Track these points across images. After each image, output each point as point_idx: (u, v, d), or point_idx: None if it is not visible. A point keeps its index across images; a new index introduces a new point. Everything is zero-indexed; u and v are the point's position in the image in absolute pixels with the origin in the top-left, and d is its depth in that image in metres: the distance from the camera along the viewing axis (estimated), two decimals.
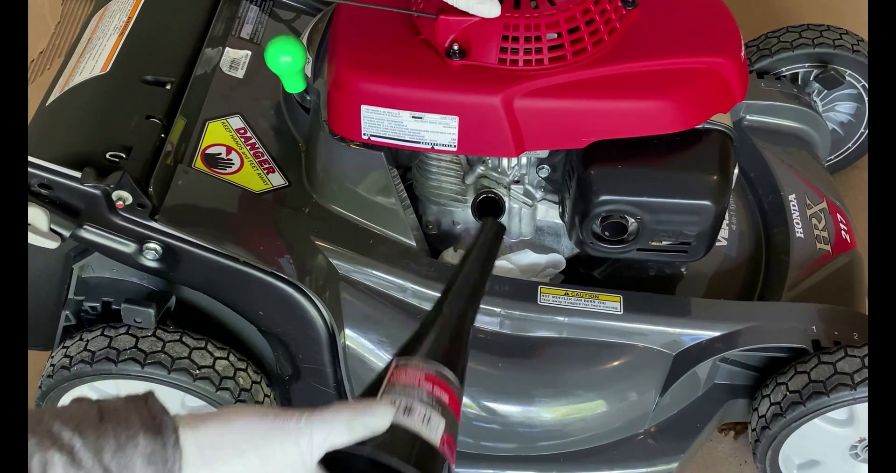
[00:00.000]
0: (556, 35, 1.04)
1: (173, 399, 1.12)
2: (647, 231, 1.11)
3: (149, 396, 0.67)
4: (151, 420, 0.65)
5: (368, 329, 1.16)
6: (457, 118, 1.05)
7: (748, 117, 1.46)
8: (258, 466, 0.68)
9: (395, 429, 0.70)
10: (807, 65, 1.50)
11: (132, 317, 1.12)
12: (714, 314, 1.20)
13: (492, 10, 1.00)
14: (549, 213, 1.26)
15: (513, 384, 1.20)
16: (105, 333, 1.12)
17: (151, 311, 1.11)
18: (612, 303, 1.19)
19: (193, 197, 1.12)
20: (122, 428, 0.64)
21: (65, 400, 1.17)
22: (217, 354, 1.13)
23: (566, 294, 1.19)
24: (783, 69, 1.51)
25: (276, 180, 1.18)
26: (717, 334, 1.19)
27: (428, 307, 1.17)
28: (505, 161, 1.19)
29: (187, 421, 0.67)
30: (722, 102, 1.09)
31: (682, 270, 1.30)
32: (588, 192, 1.08)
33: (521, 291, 1.18)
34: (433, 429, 0.71)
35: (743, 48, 1.11)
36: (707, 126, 1.11)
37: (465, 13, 1.02)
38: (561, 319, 1.18)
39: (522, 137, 1.06)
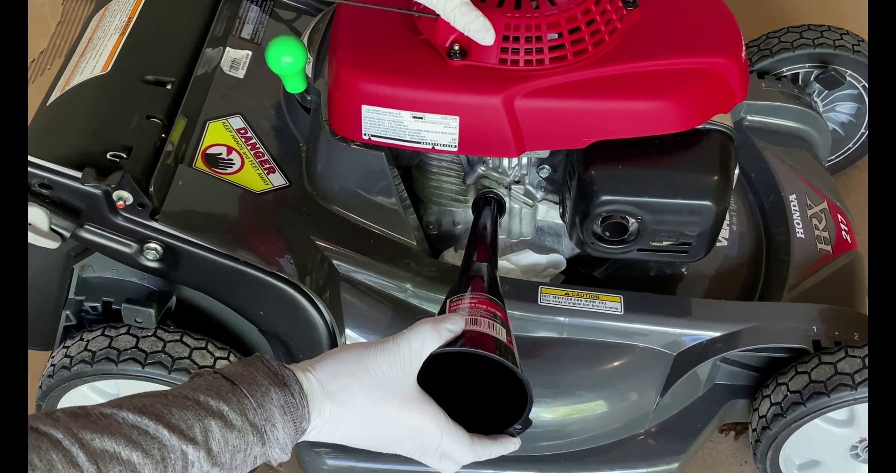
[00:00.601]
0: (556, 35, 1.04)
1: None
2: (647, 232, 1.11)
3: (261, 355, 0.78)
4: (275, 376, 0.76)
5: (369, 329, 1.16)
6: (457, 118, 1.05)
7: (749, 118, 1.46)
8: (373, 385, 0.79)
9: (470, 333, 0.85)
10: (807, 65, 1.50)
11: (133, 317, 1.12)
12: (715, 314, 1.20)
13: (487, 37, 1.01)
14: (549, 213, 1.26)
15: None
16: (105, 333, 1.12)
17: (152, 311, 1.11)
18: (612, 303, 1.19)
19: (194, 197, 1.12)
20: (254, 388, 0.74)
21: (65, 401, 1.17)
22: (217, 354, 1.13)
23: (567, 294, 1.19)
24: (784, 69, 1.51)
25: (277, 180, 1.18)
26: (717, 334, 1.19)
27: (428, 307, 1.17)
28: (505, 161, 1.19)
29: (304, 368, 0.79)
30: (723, 103, 1.09)
31: (683, 270, 1.30)
32: (589, 192, 1.08)
33: (522, 291, 1.18)
34: (499, 333, 0.87)
35: (744, 48, 1.11)
36: (708, 126, 1.11)
37: None
38: (561, 319, 1.18)
39: (523, 138, 1.06)
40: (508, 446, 0.89)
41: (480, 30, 1.00)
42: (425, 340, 0.82)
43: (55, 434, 0.65)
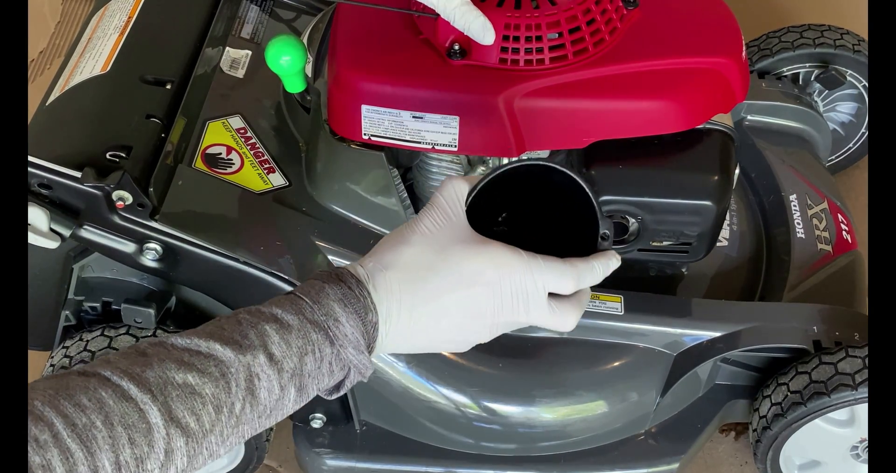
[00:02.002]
0: (556, 35, 1.04)
1: None
2: (647, 231, 1.11)
3: (316, 270, 0.75)
4: (329, 275, 0.71)
5: None
6: (457, 118, 1.05)
7: (749, 117, 1.46)
8: (425, 242, 0.73)
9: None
10: (808, 65, 1.50)
11: (132, 317, 1.11)
12: (715, 314, 1.20)
13: (487, 37, 1.00)
14: None
15: (513, 384, 1.20)
16: (105, 333, 1.12)
17: (151, 311, 1.11)
18: (612, 303, 1.19)
19: (194, 197, 1.12)
20: (306, 289, 0.70)
21: None
22: None
23: None
24: (784, 69, 1.51)
25: (277, 179, 1.18)
26: (717, 334, 1.19)
27: None
28: (506, 161, 1.19)
29: (352, 264, 0.73)
30: (723, 103, 1.09)
31: (683, 270, 1.30)
32: None
33: None
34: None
35: (744, 48, 1.11)
36: (708, 126, 1.11)
37: None
38: None
39: (523, 137, 1.06)
40: (609, 261, 0.77)
41: (480, 29, 1.00)
42: (455, 186, 0.75)
43: (103, 373, 0.63)
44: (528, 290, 0.72)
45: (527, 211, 0.79)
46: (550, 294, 0.74)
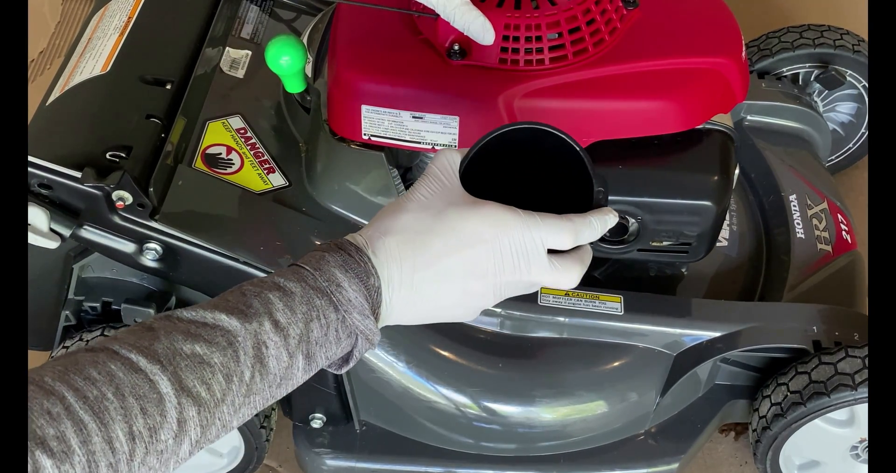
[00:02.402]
0: (556, 35, 1.04)
1: None
2: (647, 232, 1.11)
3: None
4: (328, 246, 0.72)
5: None
6: (457, 118, 1.05)
7: (749, 118, 1.46)
8: (420, 207, 0.73)
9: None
10: (808, 65, 1.50)
11: (132, 317, 1.11)
12: (715, 314, 1.20)
13: (486, 37, 1.00)
14: None
15: (513, 384, 1.20)
16: (105, 333, 1.12)
17: (151, 311, 1.11)
18: (612, 304, 1.19)
19: (194, 197, 1.12)
20: (307, 259, 0.71)
21: None
22: None
23: (567, 295, 1.19)
24: (784, 69, 1.51)
25: (277, 180, 1.18)
26: (717, 334, 1.19)
27: None
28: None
29: (357, 233, 0.74)
30: (723, 103, 1.09)
31: (683, 270, 1.30)
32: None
33: None
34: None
35: (744, 48, 1.11)
36: (708, 126, 1.11)
37: None
38: (561, 319, 1.18)
39: None
40: (606, 216, 0.77)
41: (480, 30, 0.99)
42: (448, 156, 0.76)
43: (111, 347, 0.63)
44: (527, 246, 0.73)
45: (521, 175, 0.79)
46: (550, 251, 0.74)
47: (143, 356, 0.63)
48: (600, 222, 0.76)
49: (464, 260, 0.72)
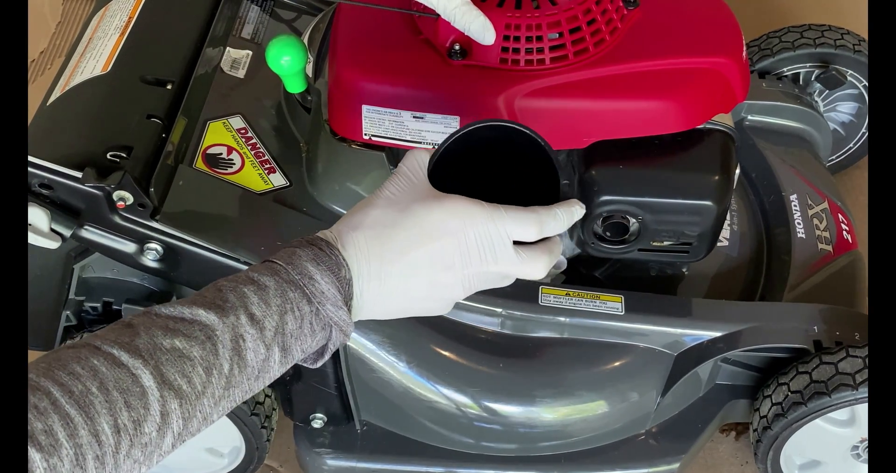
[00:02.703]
0: (557, 35, 1.04)
1: None
2: (648, 231, 1.11)
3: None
4: (299, 241, 0.74)
5: (369, 329, 1.16)
6: (458, 118, 1.05)
7: (749, 117, 1.46)
8: (388, 204, 0.75)
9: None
10: (808, 65, 1.50)
11: None
12: (715, 314, 1.20)
13: (487, 37, 1.00)
14: None
15: (514, 384, 1.20)
16: None
17: None
18: (613, 303, 1.19)
19: (194, 197, 1.12)
20: (279, 255, 0.73)
21: None
22: None
23: (567, 295, 1.19)
24: (785, 69, 1.51)
25: (278, 180, 1.18)
26: (718, 334, 1.19)
27: None
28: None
29: (327, 230, 0.76)
30: (723, 103, 1.09)
31: (684, 270, 1.30)
32: (589, 192, 1.08)
33: (522, 291, 1.18)
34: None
35: (744, 48, 1.11)
36: (709, 126, 1.10)
37: None
38: (562, 319, 1.18)
39: None
40: (573, 208, 0.79)
41: (480, 30, 1.00)
42: (417, 155, 0.79)
43: (92, 343, 0.64)
44: (492, 238, 0.75)
45: (490, 172, 0.81)
46: (517, 243, 0.76)
47: (125, 351, 0.64)
48: (566, 214, 0.78)
49: (430, 253, 0.74)
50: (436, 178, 0.78)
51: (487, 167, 0.81)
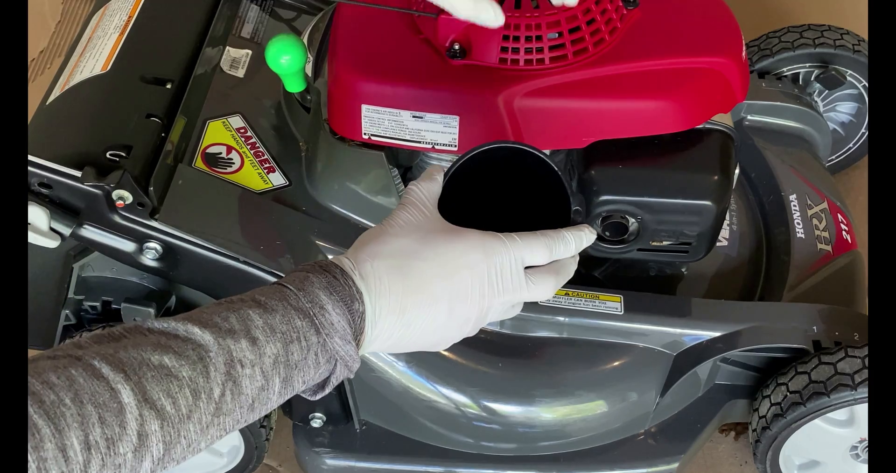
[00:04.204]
0: (556, 35, 1.04)
1: None
2: (647, 231, 1.11)
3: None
4: (313, 266, 0.71)
5: None
6: (457, 118, 1.05)
7: (749, 117, 1.46)
8: (402, 233, 0.74)
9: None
10: (808, 65, 1.50)
11: (132, 316, 1.12)
12: (715, 314, 1.20)
13: (497, 18, 0.97)
14: None
15: (513, 384, 1.20)
16: None
17: (151, 310, 1.11)
18: (612, 303, 1.19)
19: (194, 197, 1.12)
20: (291, 278, 0.69)
21: None
22: None
23: (567, 294, 1.19)
24: (784, 69, 1.51)
25: (277, 179, 1.18)
26: (717, 334, 1.19)
27: None
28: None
29: (342, 256, 0.73)
30: (723, 102, 1.09)
31: (683, 270, 1.30)
32: (589, 192, 1.08)
33: None
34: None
35: (744, 48, 1.11)
36: (708, 126, 1.11)
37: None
38: (561, 319, 1.18)
39: (523, 137, 1.06)
40: (582, 233, 0.79)
41: (490, 14, 0.96)
42: (423, 186, 0.78)
43: (73, 353, 0.60)
44: (510, 267, 0.75)
45: (500, 193, 0.81)
46: (527, 267, 0.76)
47: (107, 364, 0.60)
48: (575, 238, 0.79)
49: (451, 285, 0.73)
50: (445, 198, 0.78)
51: (498, 188, 0.81)
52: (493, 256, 0.74)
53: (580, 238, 0.79)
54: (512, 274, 0.75)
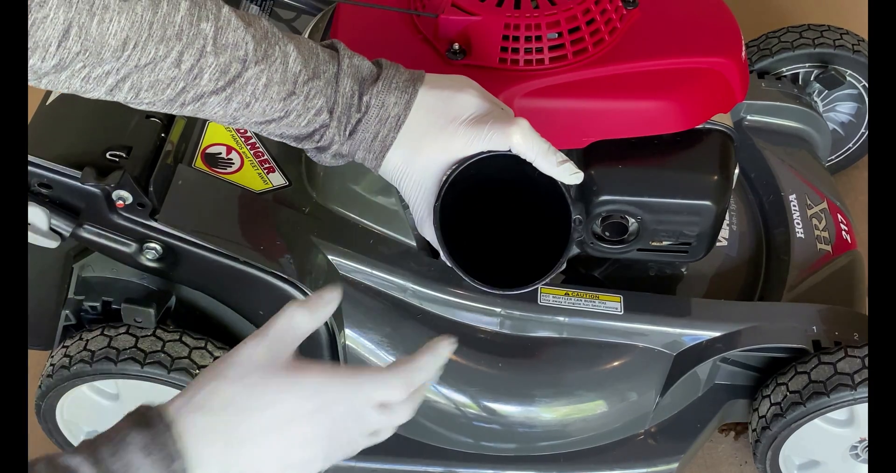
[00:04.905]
0: (556, 35, 1.04)
1: None
2: (647, 231, 1.11)
3: (140, 405, 0.68)
4: (139, 417, 0.66)
5: (368, 329, 1.16)
6: None
7: (749, 117, 1.46)
8: (244, 372, 0.69)
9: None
10: (807, 65, 1.50)
11: (132, 317, 1.11)
12: (714, 314, 1.20)
13: (575, 179, 0.90)
14: None
15: (513, 384, 1.20)
16: (105, 332, 1.12)
17: (151, 310, 1.11)
18: (612, 303, 1.19)
19: (194, 197, 1.12)
20: (113, 433, 0.65)
21: (64, 400, 1.17)
22: (217, 354, 1.13)
23: (566, 294, 1.19)
24: (784, 69, 1.51)
25: (277, 179, 1.18)
26: (717, 334, 1.19)
27: (428, 306, 1.17)
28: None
29: (172, 403, 0.68)
30: (723, 102, 1.09)
31: (683, 270, 1.30)
32: (588, 192, 1.08)
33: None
34: None
35: (744, 48, 1.11)
36: (708, 126, 1.11)
37: (469, 16, 1.02)
38: (561, 319, 1.18)
39: None
40: (436, 355, 0.73)
41: (567, 172, 0.89)
42: (292, 316, 0.72)
43: None
44: (355, 410, 0.71)
45: (500, 201, 0.82)
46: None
47: None
48: (433, 359, 0.73)
49: (283, 437, 0.69)
50: (444, 206, 0.78)
51: (497, 196, 0.82)
52: (334, 401, 0.70)
53: (436, 359, 0.74)
54: (360, 415, 0.71)
